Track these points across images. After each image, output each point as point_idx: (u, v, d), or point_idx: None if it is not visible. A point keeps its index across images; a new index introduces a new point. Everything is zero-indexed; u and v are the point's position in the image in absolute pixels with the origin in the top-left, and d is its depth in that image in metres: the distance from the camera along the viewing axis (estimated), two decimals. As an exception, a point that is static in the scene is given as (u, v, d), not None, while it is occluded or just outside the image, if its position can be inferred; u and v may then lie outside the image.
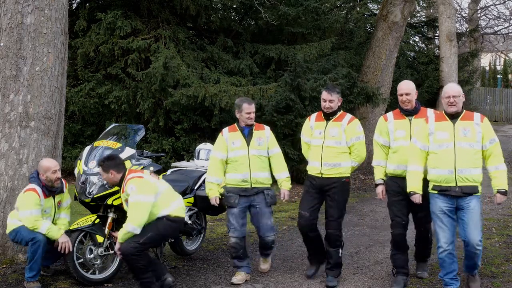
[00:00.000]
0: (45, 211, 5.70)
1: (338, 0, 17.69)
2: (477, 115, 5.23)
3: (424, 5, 22.37)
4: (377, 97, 12.53)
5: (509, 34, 28.19)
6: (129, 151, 5.90)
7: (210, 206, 6.06)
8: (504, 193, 5.17)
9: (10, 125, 6.23)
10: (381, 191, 5.74)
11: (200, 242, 6.88)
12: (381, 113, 12.73)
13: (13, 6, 6.25)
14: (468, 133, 5.12)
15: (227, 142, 5.91)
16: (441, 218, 5.23)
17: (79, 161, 5.93)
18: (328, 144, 5.72)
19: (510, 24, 30.91)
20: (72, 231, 5.61)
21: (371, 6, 19.56)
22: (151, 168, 5.94)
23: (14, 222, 5.64)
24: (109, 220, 5.71)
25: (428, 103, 16.81)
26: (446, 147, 5.14)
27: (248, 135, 5.90)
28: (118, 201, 5.64)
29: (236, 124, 6.02)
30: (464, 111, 5.23)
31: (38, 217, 5.54)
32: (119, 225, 5.49)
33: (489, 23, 28.50)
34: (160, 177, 5.86)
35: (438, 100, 18.15)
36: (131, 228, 5.16)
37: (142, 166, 5.91)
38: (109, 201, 5.66)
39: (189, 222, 6.52)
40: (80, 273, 5.53)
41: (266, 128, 6.07)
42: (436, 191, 5.22)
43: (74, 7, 12.69)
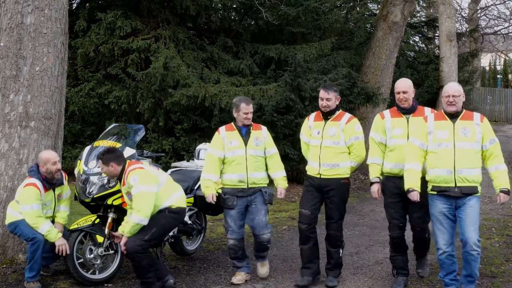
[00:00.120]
0: (45, 204, 5.70)
1: (338, 0, 17.68)
2: (477, 115, 5.18)
3: (424, 5, 22.37)
4: (377, 97, 12.53)
5: (509, 34, 28.19)
6: (129, 151, 5.89)
7: (210, 206, 6.06)
8: (507, 192, 5.11)
9: (10, 125, 6.23)
10: (376, 190, 5.63)
11: (200, 242, 6.89)
12: (381, 113, 12.70)
13: (13, 6, 6.25)
14: (468, 133, 5.07)
15: (224, 141, 5.83)
16: (440, 220, 5.17)
17: (79, 161, 5.93)
18: (326, 144, 5.65)
19: (510, 24, 30.92)
20: (72, 231, 5.61)
21: (371, 6, 19.55)
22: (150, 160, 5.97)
23: (15, 214, 5.64)
24: (109, 220, 5.71)
25: (428, 103, 16.81)
26: (445, 147, 5.08)
27: (245, 135, 5.85)
28: (118, 201, 5.64)
29: (233, 123, 5.94)
30: (464, 110, 5.18)
31: (39, 212, 5.54)
32: (119, 225, 5.49)
33: (489, 23, 28.56)
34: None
35: (438, 100, 18.16)
36: (138, 220, 5.15)
37: None
38: (109, 201, 5.65)
39: (189, 222, 6.52)
40: (80, 273, 5.53)
41: (264, 128, 6.02)
42: (435, 192, 5.16)
43: (74, 7, 12.68)
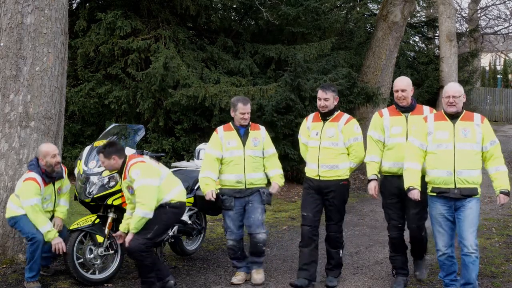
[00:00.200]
0: (45, 198, 5.69)
1: (338, 0, 17.69)
2: (477, 116, 5.12)
3: (424, 5, 22.37)
4: (377, 97, 12.53)
5: (509, 34, 28.19)
6: (129, 151, 5.89)
7: (210, 206, 6.05)
8: (507, 193, 5.05)
9: (10, 125, 6.23)
10: (373, 187, 5.51)
11: (200, 242, 6.89)
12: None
13: (13, 6, 6.25)
14: (468, 133, 5.02)
15: (222, 141, 5.79)
16: (440, 222, 5.13)
17: (79, 161, 5.93)
18: (325, 145, 5.60)
19: (510, 24, 30.94)
20: (72, 231, 5.61)
21: (371, 6, 19.56)
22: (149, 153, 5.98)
23: (15, 209, 5.63)
24: (109, 220, 5.71)
25: (428, 103, 16.72)
26: (445, 148, 5.03)
27: (243, 135, 5.80)
28: (118, 201, 5.65)
29: (231, 123, 5.89)
30: (464, 111, 5.12)
31: (39, 207, 5.53)
32: (119, 225, 5.49)
33: (489, 23, 28.57)
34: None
35: (438, 100, 18.17)
36: (143, 213, 5.14)
37: None
38: (109, 201, 5.66)
39: (189, 222, 6.52)
40: (80, 273, 5.53)
41: (262, 129, 5.97)
42: (435, 194, 5.12)
43: (74, 7, 12.67)
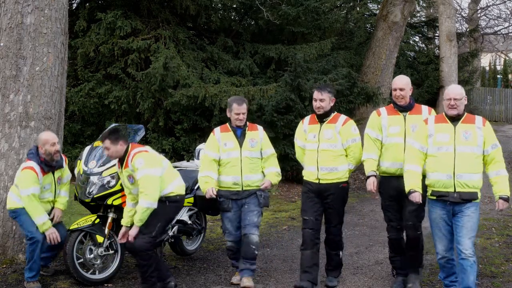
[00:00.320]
0: (45, 187, 5.65)
1: (338, 0, 17.69)
2: (479, 119, 5.03)
3: (424, 5, 22.38)
4: (377, 97, 12.53)
5: (509, 34, 28.19)
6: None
7: (210, 206, 6.05)
8: (507, 199, 4.94)
9: (10, 125, 6.23)
10: (372, 182, 5.37)
11: (200, 242, 6.88)
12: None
13: (13, 6, 6.25)
14: (469, 136, 4.91)
15: (219, 142, 5.73)
16: (439, 226, 5.06)
17: (79, 161, 5.93)
18: (323, 147, 5.53)
19: (510, 24, 30.90)
20: (72, 231, 5.61)
21: (371, 6, 19.57)
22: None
23: (17, 201, 5.59)
24: (109, 220, 5.70)
25: (428, 103, 16.63)
26: (445, 150, 4.93)
27: (240, 136, 5.72)
28: (118, 201, 5.64)
29: (228, 124, 5.81)
30: (466, 114, 5.03)
31: (36, 196, 5.49)
32: (119, 225, 5.50)
33: (489, 23, 28.54)
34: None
35: (438, 100, 18.17)
36: (148, 204, 5.12)
37: None
38: (109, 201, 5.65)
39: (189, 222, 6.51)
40: (80, 273, 5.53)
41: (260, 129, 5.87)
42: (434, 197, 5.03)
43: (74, 7, 12.68)
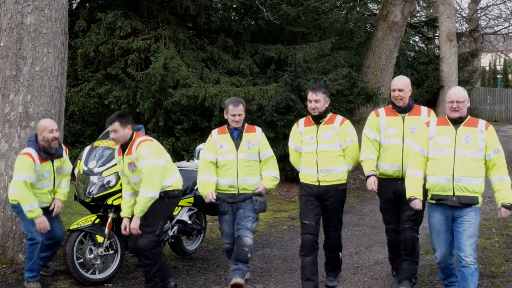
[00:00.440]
0: (43, 175, 5.57)
1: (338, 0, 17.69)
2: (482, 122, 4.91)
3: (424, 5, 22.37)
4: (377, 97, 12.54)
5: (509, 34, 28.19)
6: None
7: (210, 206, 6.04)
8: (509, 207, 4.82)
9: (10, 125, 6.23)
10: (372, 181, 5.30)
11: (200, 242, 6.89)
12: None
13: (13, 6, 6.25)
14: (470, 140, 4.81)
15: (216, 144, 5.65)
16: (439, 232, 4.99)
17: (79, 161, 5.93)
18: (322, 148, 5.47)
19: (510, 24, 30.93)
20: (72, 231, 5.61)
21: (371, 6, 19.56)
22: None
23: (15, 193, 5.48)
24: (109, 220, 5.71)
25: (428, 103, 16.78)
26: (446, 153, 4.83)
27: (237, 138, 5.61)
28: (118, 201, 5.64)
29: (226, 126, 5.71)
30: (469, 116, 4.92)
31: (28, 184, 5.35)
32: (119, 225, 5.49)
33: (489, 23, 28.54)
34: None
35: (438, 100, 18.17)
36: (151, 194, 5.12)
37: None
38: (109, 201, 5.66)
39: (189, 222, 6.52)
40: (80, 273, 5.53)
41: (258, 130, 5.75)
42: (434, 201, 4.94)
43: (74, 7, 12.67)
